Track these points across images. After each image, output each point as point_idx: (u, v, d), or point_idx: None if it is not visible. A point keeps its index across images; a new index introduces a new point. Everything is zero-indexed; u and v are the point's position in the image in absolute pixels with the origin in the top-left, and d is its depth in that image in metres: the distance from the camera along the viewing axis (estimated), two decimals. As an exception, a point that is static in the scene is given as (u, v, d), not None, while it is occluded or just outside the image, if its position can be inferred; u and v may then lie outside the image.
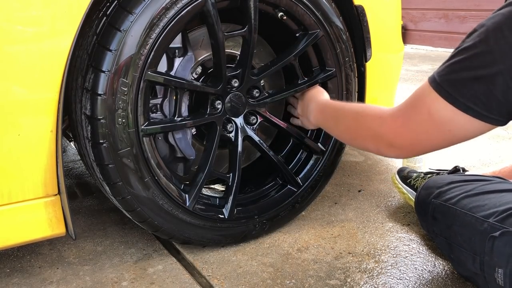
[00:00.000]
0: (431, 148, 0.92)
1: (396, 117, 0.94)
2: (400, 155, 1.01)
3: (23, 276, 1.15)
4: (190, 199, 1.14)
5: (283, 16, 1.19)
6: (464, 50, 0.82)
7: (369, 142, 1.01)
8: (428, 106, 0.86)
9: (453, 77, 0.82)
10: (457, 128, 0.84)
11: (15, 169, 0.93)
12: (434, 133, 0.87)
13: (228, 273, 1.15)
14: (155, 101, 1.14)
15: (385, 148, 0.97)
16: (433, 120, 0.86)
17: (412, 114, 0.90)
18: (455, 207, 1.08)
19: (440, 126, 0.85)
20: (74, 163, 1.92)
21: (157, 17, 0.98)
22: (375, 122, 0.98)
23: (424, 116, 0.87)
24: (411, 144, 0.92)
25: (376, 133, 0.97)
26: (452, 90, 0.82)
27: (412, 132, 0.90)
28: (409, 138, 0.92)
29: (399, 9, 1.53)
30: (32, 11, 0.87)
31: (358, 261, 1.19)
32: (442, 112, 0.84)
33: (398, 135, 0.93)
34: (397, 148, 0.95)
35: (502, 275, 0.92)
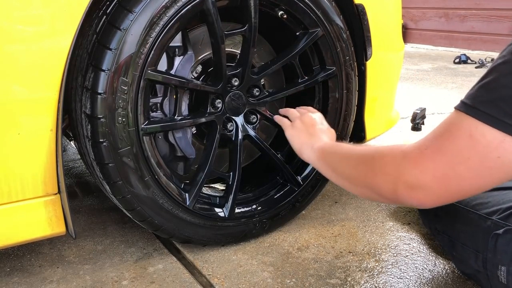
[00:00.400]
0: (469, 187, 0.73)
1: (423, 148, 0.75)
2: (423, 200, 0.76)
3: (23, 275, 1.15)
4: (190, 198, 1.14)
5: (283, 14, 1.19)
6: (500, 65, 0.70)
7: (383, 181, 0.81)
8: (468, 130, 0.70)
9: (491, 97, 0.69)
10: (507, 152, 0.68)
11: (15, 168, 0.93)
12: (478, 160, 0.69)
13: (228, 272, 1.14)
14: (155, 100, 1.14)
15: (402, 189, 0.77)
16: (477, 144, 0.69)
17: (446, 142, 0.73)
18: (458, 204, 1.08)
19: (486, 150, 0.68)
20: (74, 162, 1.92)
21: (157, 16, 0.98)
22: (395, 158, 0.80)
23: (464, 141, 0.70)
24: (443, 181, 0.73)
25: (395, 170, 0.78)
26: (492, 110, 0.68)
27: (447, 163, 0.72)
28: (440, 171, 0.72)
29: (399, 8, 1.53)
30: (32, 10, 0.87)
31: (359, 260, 1.19)
32: (489, 135, 0.68)
33: (424, 170, 0.74)
34: (421, 189, 0.74)
35: (505, 273, 0.92)
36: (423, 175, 0.74)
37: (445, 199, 0.76)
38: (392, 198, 0.81)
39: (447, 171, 0.72)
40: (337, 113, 1.32)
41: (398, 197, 0.78)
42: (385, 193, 0.81)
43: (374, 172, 0.84)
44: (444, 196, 0.75)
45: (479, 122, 0.69)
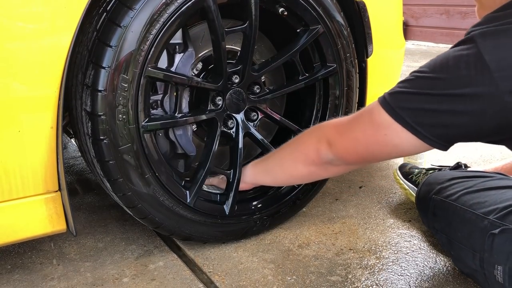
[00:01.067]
0: (363, 150, 0.96)
1: (341, 119, 1.02)
2: (335, 155, 1.00)
3: (24, 273, 1.15)
4: (191, 195, 1.14)
5: (284, 11, 1.19)
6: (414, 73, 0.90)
7: (310, 143, 1.04)
8: (371, 111, 0.92)
9: (396, 91, 0.90)
10: (392, 134, 0.89)
11: (15, 166, 0.93)
12: (370, 133, 0.92)
13: (229, 269, 1.15)
14: (155, 97, 1.14)
15: (324, 147, 1.00)
16: (373, 121, 0.91)
17: (357, 116, 0.97)
18: (456, 204, 1.08)
19: (378, 127, 0.90)
20: (75, 160, 1.92)
21: (157, 13, 0.98)
22: (328, 125, 1.04)
23: (366, 118, 0.94)
24: (347, 141, 0.97)
25: (321, 133, 1.02)
26: (392, 101, 0.88)
27: (350, 130, 0.97)
28: (346, 135, 0.97)
29: (400, 5, 1.52)
30: (32, 7, 0.87)
31: (359, 257, 1.19)
32: (383, 117, 0.89)
33: (338, 132, 0.99)
34: (335, 145, 0.99)
35: (502, 272, 0.92)
36: (337, 135, 0.99)
37: (349, 156, 0.99)
38: (316, 156, 1.03)
39: (351, 136, 0.97)
40: (338, 110, 1.32)
41: (320, 153, 1.02)
42: (311, 154, 1.04)
43: (304, 140, 1.08)
44: (348, 152, 0.99)
45: (380, 106, 0.90)
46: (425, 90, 0.85)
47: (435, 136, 0.86)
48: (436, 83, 0.84)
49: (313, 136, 1.05)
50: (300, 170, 1.08)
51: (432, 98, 0.84)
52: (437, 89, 0.84)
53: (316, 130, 1.07)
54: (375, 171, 1.76)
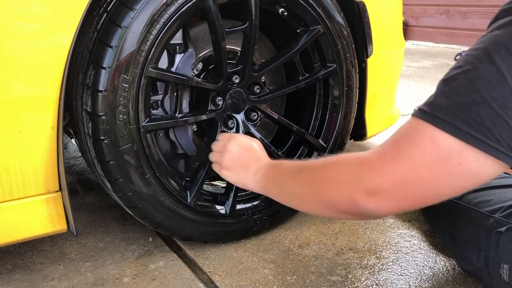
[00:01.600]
0: (429, 193, 0.71)
1: (383, 153, 0.74)
2: (380, 208, 0.74)
3: (25, 273, 1.15)
4: (191, 195, 1.14)
5: (284, 12, 1.19)
6: (458, 74, 0.69)
7: (339, 191, 0.78)
8: (430, 135, 0.68)
9: (449, 103, 0.68)
10: (469, 160, 0.67)
11: (16, 166, 0.93)
12: (439, 166, 0.68)
13: (229, 269, 1.15)
14: (156, 97, 1.14)
15: (362, 196, 0.74)
16: (440, 149, 0.67)
17: (407, 146, 0.71)
18: (460, 202, 1.08)
19: (449, 156, 0.67)
20: (75, 160, 1.93)
21: (157, 13, 0.98)
22: (352, 163, 0.78)
23: (427, 146, 0.68)
24: (403, 186, 0.71)
25: (352, 177, 0.76)
26: (450, 118, 0.67)
27: (408, 167, 0.70)
28: (401, 176, 0.70)
29: (400, 5, 1.52)
30: (33, 7, 0.87)
31: (359, 257, 1.19)
32: (450, 142, 0.67)
33: (384, 174, 0.72)
34: (381, 194, 0.72)
35: (508, 271, 0.92)
36: (383, 179, 0.72)
37: (404, 205, 0.74)
38: (349, 208, 0.77)
39: (408, 174, 0.70)
40: (338, 110, 1.32)
41: (356, 205, 0.75)
42: (341, 204, 0.78)
43: (328, 183, 0.81)
44: (404, 201, 0.73)
45: (439, 129, 0.68)
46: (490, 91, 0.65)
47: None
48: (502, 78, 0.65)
49: (342, 178, 0.78)
50: (323, 212, 0.87)
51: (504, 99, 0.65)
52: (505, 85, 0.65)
53: (344, 171, 0.78)
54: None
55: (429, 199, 0.73)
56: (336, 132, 1.33)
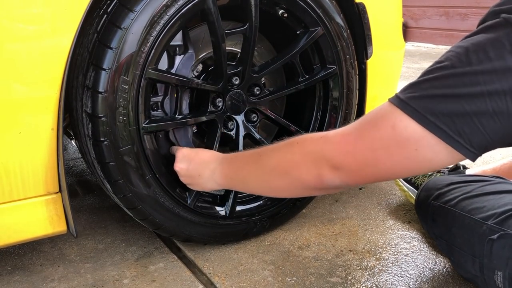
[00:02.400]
0: (386, 172, 0.78)
1: (346, 134, 0.80)
2: (344, 181, 0.81)
3: (24, 274, 1.15)
4: (191, 196, 1.14)
5: (284, 13, 1.19)
6: (437, 69, 0.74)
7: (307, 169, 0.83)
8: (392, 121, 0.74)
9: (422, 94, 0.73)
10: (425, 148, 0.73)
11: (16, 167, 0.93)
12: (396, 150, 0.74)
13: (229, 270, 1.15)
14: (156, 98, 1.14)
15: (327, 172, 0.80)
16: (398, 136, 0.73)
17: (369, 129, 0.77)
18: (454, 209, 1.08)
19: (406, 143, 0.73)
20: (75, 161, 1.93)
21: (157, 15, 0.98)
22: (317, 142, 0.83)
23: (387, 131, 0.75)
24: (363, 164, 0.78)
25: (318, 154, 0.81)
26: (420, 106, 0.72)
27: (367, 150, 0.77)
28: (362, 157, 0.77)
29: (400, 6, 1.52)
30: (33, 8, 0.87)
31: (359, 259, 1.19)
32: (410, 129, 0.72)
33: (347, 154, 0.78)
34: (343, 170, 0.79)
35: (502, 278, 0.92)
36: (345, 158, 0.79)
37: (366, 180, 0.82)
38: (318, 184, 0.83)
39: (367, 155, 0.77)
40: (337, 111, 1.32)
41: (323, 180, 0.82)
42: (311, 181, 0.84)
43: (296, 165, 0.85)
44: (365, 176, 0.80)
45: (404, 115, 0.73)
46: (461, 88, 0.70)
47: (473, 146, 0.72)
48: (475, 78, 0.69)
49: (308, 157, 0.84)
50: (293, 193, 0.95)
51: (472, 98, 0.69)
52: (477, 85, 0.69)
53: (309, 150, 0.84)
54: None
55: (384, 176, 0.81)
56: (336, 134, 1.33)
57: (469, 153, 0.72)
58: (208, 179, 1.05)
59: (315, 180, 0.83)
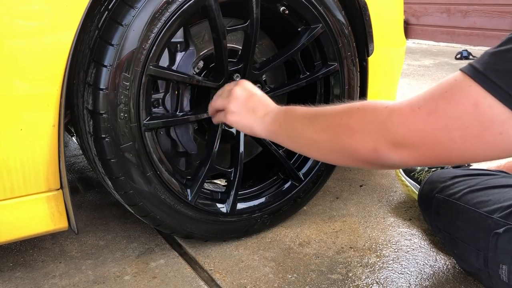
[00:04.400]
0: (458, 155, 0.67)
1: (417, 107, 0.68)
2: (404, 161, 0.71)
3: (26, 270, 1.15)
4: (192, 193, 1.14)
5: (285, 10, 1.19)
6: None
7: (363, 139, 0.74)
8: (475, 98, 0.63)
9: (506, 67, 0.62)
10: (510, 133, 0.62)
11: (17, 164, 0.93)
12: (477, 133, 0.63)
13: (230, 267, 1.15)
14: (157, 95, 1.14)
15: (387, 148, 0.71)
16: (481, 116, 0.62)
17: (445, 105, 0.66)
18: (459, 202, 1.08)
19: (490, 125, 0.62)
20: (76, 158, 1.93)
21: (159, 11, 0.98)
22: (381, 113, 0.72)
23: (467, 110, 0.63)
24: (433, 145, 0.67)
25: (379, 126, 0.71)
26: (504, 82, 0.61)
27: (441, 129, 0.66)
28: (433, 136, 0.66)
29: (401, 4, 1.52)
30: (34, 5, 0.87)
31: (360, 256, 1.19)
32: (496, 109, 0.62)
33: (415, 130, 0.68)
34: (407, 149, 0.69)
35: (507, 272, 0.92)
36: (412, 134, 0.68)
37: (428, 161, 0.71)
38: (370, 158, 0.74)
39: (440, 134, 0.66)
40: (338, 109, 1.32)
41: (379, 155, 0.72)
42: (363, 153, 0.74)
43: (350, 131, 0.76)
44: (429, 157, 0.70)
45: (487, 92, 0.62)
46: None
47: None
48: None
49: (367, 127, 0.74)
50: (340, 161, 0.82)
51: None
52: None
53: (370, 120, 0.74)
54: (375, 170, 1.76)
55: (455, 160, 0.70)
56: (337, 131, 1.33)
57: None
58: (259, 118, 0.97)
59: (370, 154, 0.73)
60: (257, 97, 1.01)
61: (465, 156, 0.68)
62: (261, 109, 0.98)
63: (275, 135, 0.95)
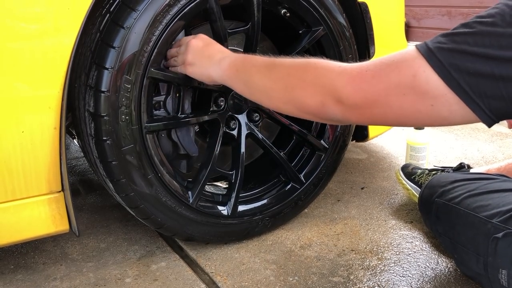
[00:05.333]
0: (392, 118, 0.75)
1: (364, 70, 0.75)
2: (345, 116, 0.78)
3: (27, 273, 1.15)
4: (193, 196, 1.14)
5: (286, 13, 1.19)
6: (475, 23, 0.69)
7: (312, 93, 0.79)
8: (415, 70, 0.70)
9: (451, 47, 0.68)
10: (442, 106, 0.69)
11: (19, 166, 0.93)
12: (411, 101, 0.70)
13: (231, 270, 1.15)
14: (158, 98, 1.14)
15: (332, 103, 0.77)
16: (417, 87, 0.69)
17: (389, 72, 0.72)
18: (459, 207, 1.08)
19: (423, 96, 0.69)
20: (77, 160, 1.93)
21: (160, 14, 0.98)
22: (332, 71, 0.78)
23: (407, 79, 0.70)
24: (372, 104, 0.74)
25: (329, 83, 0.77)
26: (446, 60, 0.68)
27: (381, 92, 0.73)
28: (373, 97, 0.73)
29: (402, 6, 1.52)
30: (36, 8, 0.87)
31: (361, 258, 1.19)
32: (432, 83, 0.68)
33: (359, 90, 0.74)
34: (349, 106, 0.75)
35: (506, 276, 0.92)
36: (356, 94, 0.74)
37: (367, 121, 0.79)
38: (317, 111, 0.80)
39: (380, 97, 0.73)
40: (339, 111, 1.32)
41: (324, 110, 0.78)
42: (311, 106, 0.80)
43: (303, 85, 0.82)
44: (368, 118, 0.77)
45: (428, 66, 0.69)
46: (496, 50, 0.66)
47: (492, 111, 0.68)
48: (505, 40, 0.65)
49: (318, 82, 0.79)
50: (290, 111, 0.87)
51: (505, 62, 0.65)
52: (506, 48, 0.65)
53: (322, 75, 0.79)
54: (377, 172, 1.76)
55: (391, 123, 0.77)
56: (338, 133, 1.33)
57: (486, 117, 0.68)
58: (215, 63, 0.99)
59: (316, 107, 0.80)
60: (214, 45, 1.03)
61: (399, 120, 0.75)
62: (218, 55, 1.00)
63: (230, 80, 0.97)
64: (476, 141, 2.13)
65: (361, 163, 1.87)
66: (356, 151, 2.01)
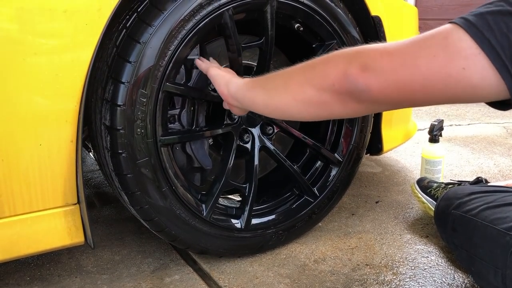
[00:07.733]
0: (420, 88, 0.68)
1: (393, 42, 0.72)
2: (367, 85, 0.71)
3: (42, 284, 1.16)
4: (207, 209, 1.15)
5: (300, 27, 1.20)
6: None
7: (335, 64, 0.75)
8: (447, 32, 0.66)
9: (483, 11, 0.65)
10: (474, 68, 0.64)
11: (36, 178, 0.94)
12: (443, 61, 0.65)
13: (244, 283, 1.14)
14: (173, 111, 1.15)
15: (355, 70, 0.71)
16: (449, 46, 0.65)
17: (419, 37, 0.69)
18: (476, 219, 1.06)
19: (455, 56, 0.64)
20: (93, 173, 1.95)
21: (175, 29, 1.00)
22: (356, 49, 0.75)
23: (438, 41, 0.66)
24: (398, 69, 0.68)
25: (353, 51, 0.74)
26: (478, 22, 0.64)
27: (409, 54, 0.68)
28: (400, 59, 0.68)
29: (416, 20, 1.52)
30: (55, 23, 0.89)
31: (376, 273, 1.17)
32: (464, 43, 0.64)
33: (385, 52, 0.70)
34: (374, 71, 0.70)
35: None
36: (382, 57, 0.70)
37: (390, 92, 0.70)
38: (338, 82, 0.74)
39: (407, 60, 0.68)
40: (353, 124, 1.32)
41: (346, 78, 0.72)
42: (331, 77, 0.74)
43: (325, 60, 0.78)
44: (392, 86, 0.69)
45: (461, 29, 0.65)
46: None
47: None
48: None
49: (343, 55, 0.75)
50: (308, 94, 0.79)
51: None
52: None
53: (350, 50, 0.75)
54: (391, 186, 1.75)
55: (417, 95, 0.69)
56: (352, 146, 1.33)
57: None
58: (236, 79, 0.99)
59: (337, 77, 0.73)
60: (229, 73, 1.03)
61: (425, 90, 0.68)
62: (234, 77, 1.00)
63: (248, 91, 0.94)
64: (492, 155, 2.10)
65: (376, 177, 1.85)
66: (370, 165, 2.00)
